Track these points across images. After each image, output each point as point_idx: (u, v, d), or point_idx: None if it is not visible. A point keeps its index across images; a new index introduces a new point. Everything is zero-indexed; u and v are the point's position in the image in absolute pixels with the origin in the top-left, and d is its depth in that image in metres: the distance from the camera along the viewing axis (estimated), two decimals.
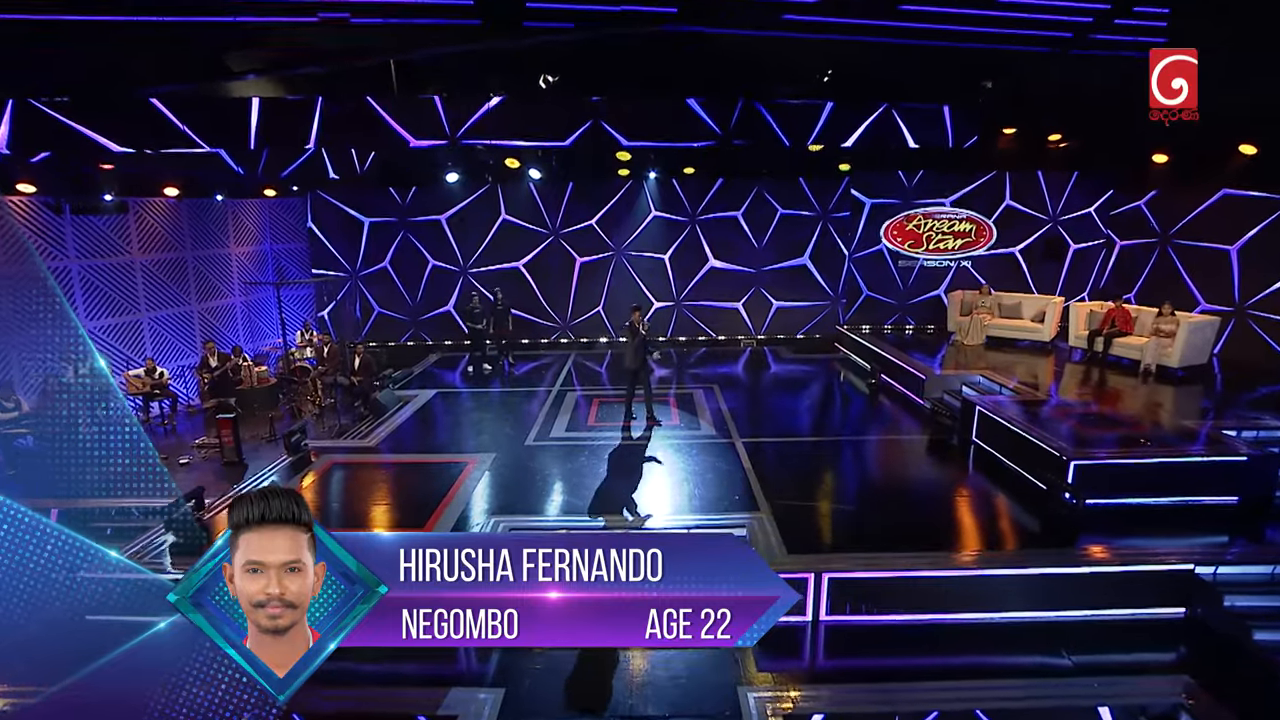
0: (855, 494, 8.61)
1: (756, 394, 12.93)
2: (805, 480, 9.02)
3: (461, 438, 10.94)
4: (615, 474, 9.03)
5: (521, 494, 8.55)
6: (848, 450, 10.11)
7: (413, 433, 11.18)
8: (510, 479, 9.01)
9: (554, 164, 11.56)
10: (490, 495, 8.50)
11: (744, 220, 16.60)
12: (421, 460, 9.95)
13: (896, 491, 8.69)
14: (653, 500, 8.29)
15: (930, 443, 10.24)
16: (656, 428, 10.82)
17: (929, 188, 15.37)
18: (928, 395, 11.58)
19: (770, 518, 7.71)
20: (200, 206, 14.35)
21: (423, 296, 17.06)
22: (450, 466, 9.43)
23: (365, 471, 9.49)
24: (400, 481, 9.18)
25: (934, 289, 15.83)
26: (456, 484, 8.79)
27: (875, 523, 7.68)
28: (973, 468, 9.39)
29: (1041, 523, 7.63)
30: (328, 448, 10.38)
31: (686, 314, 17.12)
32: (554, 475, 9.13)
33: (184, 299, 14.17)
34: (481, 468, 9.32)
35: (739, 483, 8.73)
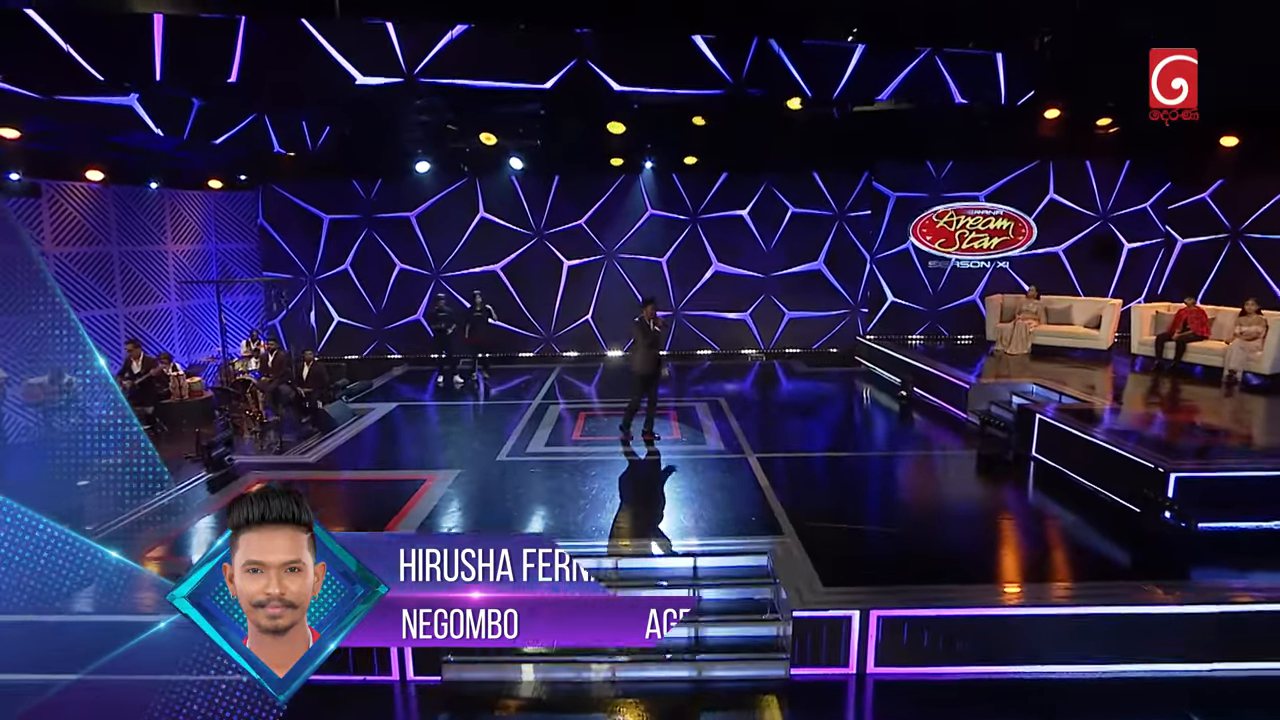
0: (897, 516, 7.45)
1: (769, 409, 11.82)
2: (835, 500, 7.90)
3: (422, 454, 9.78)
4: (605, 493, 7.86)
5: (490, 515, 7.39)
6: (881, 467, 8.98)
7: (365, 448, 10.00)
8: (477, 498, 7.84)
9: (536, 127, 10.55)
10: (451, 517, 7.31)
11: (751, 219, 15.69)
12: (369, 478, 8.79)
13: (947, 513, 7.55)
14: (652, 522, 7.11)
15: (980, 459, 9.12)
16: (655, 442, 9.67)
17: (961, 180, 14.52)
18: (972, 408, 10.50)
19: (797, 542, 6.54)
20: (130, 195, 13.34)
21: (389, 303, 15.99)
22: (403, 484, 8.25)
23: (299, 490, 8.26)
24: (341, 502, 8.02)
25: (969, 294, 14.86)
26: (410, 504, 7.60)
27: (926, 549, 6.59)
28: (1035, 486, 8.29)
29: (1137, 550, 6.48)
30: (260, 464, 9.19)
31: (687, 325, 16.07)
32: (530, 494, 7.95)
33: (107, 300, 13.04)
34: (442, 486, 8.14)
35: (755, 502, 7.57)
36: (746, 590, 6.23)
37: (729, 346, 16.14)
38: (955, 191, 14.55)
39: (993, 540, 6.87)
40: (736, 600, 6.19)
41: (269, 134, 10.21)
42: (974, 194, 14.52)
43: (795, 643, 5.42)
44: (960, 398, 10.92)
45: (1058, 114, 12.16)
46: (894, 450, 9.69)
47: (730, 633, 5.91)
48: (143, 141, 12.16)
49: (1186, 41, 7.51)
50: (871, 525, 7.13)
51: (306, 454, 9.59)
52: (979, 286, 14.77)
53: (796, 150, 13.96)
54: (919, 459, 9.33)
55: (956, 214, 14.54)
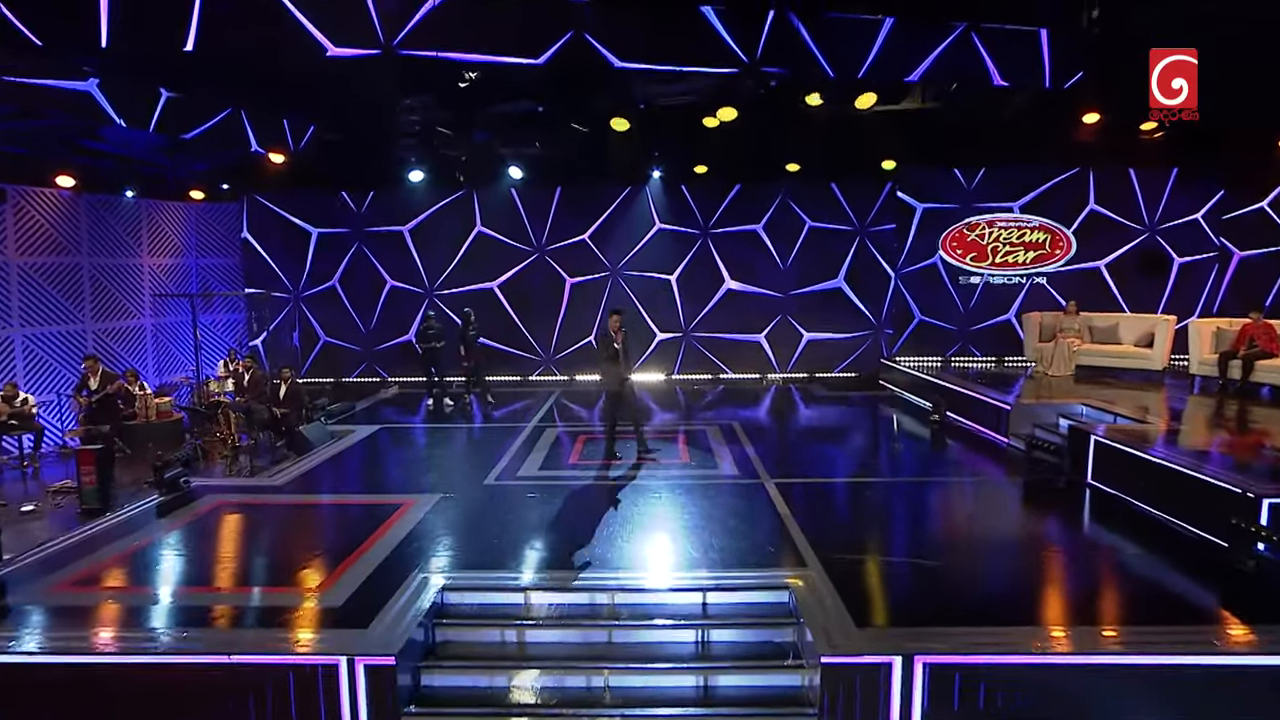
0: (936, 547, 6.67)
1: (787, 434, 11.10)
2: (864, 530, 7.16)
3: (401, 477, 9.11)
4: (602, 519, 7.14)
5: (472, 544, 6.68)
6: (913, 495, 8.22)
7: (341, 471, 9.36)
8: (458, 525, 7.14)
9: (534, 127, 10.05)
10: (427, 545, 6.60)
11: (765, 234, 15.15)
12: (340, 502, 8.12)
13: (994, 545, 6.77)
14: (655, 552, 6.37)
15: (1027, 485, 8.36)
16: (653, 464, 8.99)
17: (993, 189, 13.94)
18: (1013, 431, 9.77)
19: (824, 576, 5.78)
20: (103, 204, 12.95)
21: (379, 322, 15.47)
22: (376, 509, 7.58)
23: (258, 515, 7.63)
24: (303, 527, 7.34)
25: (1003, 312, 14.16)
26: (380, 530, 6.91)
27: (974, 585, 5.86)
28: (1092, 516, 7.50)
29: (1226, 588, 5.68)
30: (220, 487, 8.54)
31: (697, 347, 15.44)
32: (519, 521, 7.24)
33: (75, 315, 12.56)
34: (419, 511, 7.45)
35: (774, 531, 6.84)
36: (764, 631, 5.47)
37: (743, 370, 15.46)
38: (987, 202, 13.97)
39: (1051, 576, 6.08)
40: (753, 643, 5.43)
41: (246, 130, 9.78)
42: (1007, 204, 13.93)
43: (824, 695, 4.64)
44: (1000, 421, 10.20)
45: (1097, 118, 11.69)
46: (927, 476, 8.93)
47: (746, 682, 5.14)
48: (116, 145, 11.86)
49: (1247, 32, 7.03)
50: (909, 558, 6.36)
51: (275, 477, 8.93)
52: (1014, 304, 14.07)
53: (815, 156, 13.46)
54: (956, 486, 8.56)
55: (988, 226, 13.93)
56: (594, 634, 5.49)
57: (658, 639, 5.44)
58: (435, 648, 5.44)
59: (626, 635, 5.46)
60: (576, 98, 9.09)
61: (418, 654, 5.19)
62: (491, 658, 5.39)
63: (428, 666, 5.21)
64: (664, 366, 15.52)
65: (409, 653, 4.98)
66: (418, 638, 5.22)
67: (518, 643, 5.49)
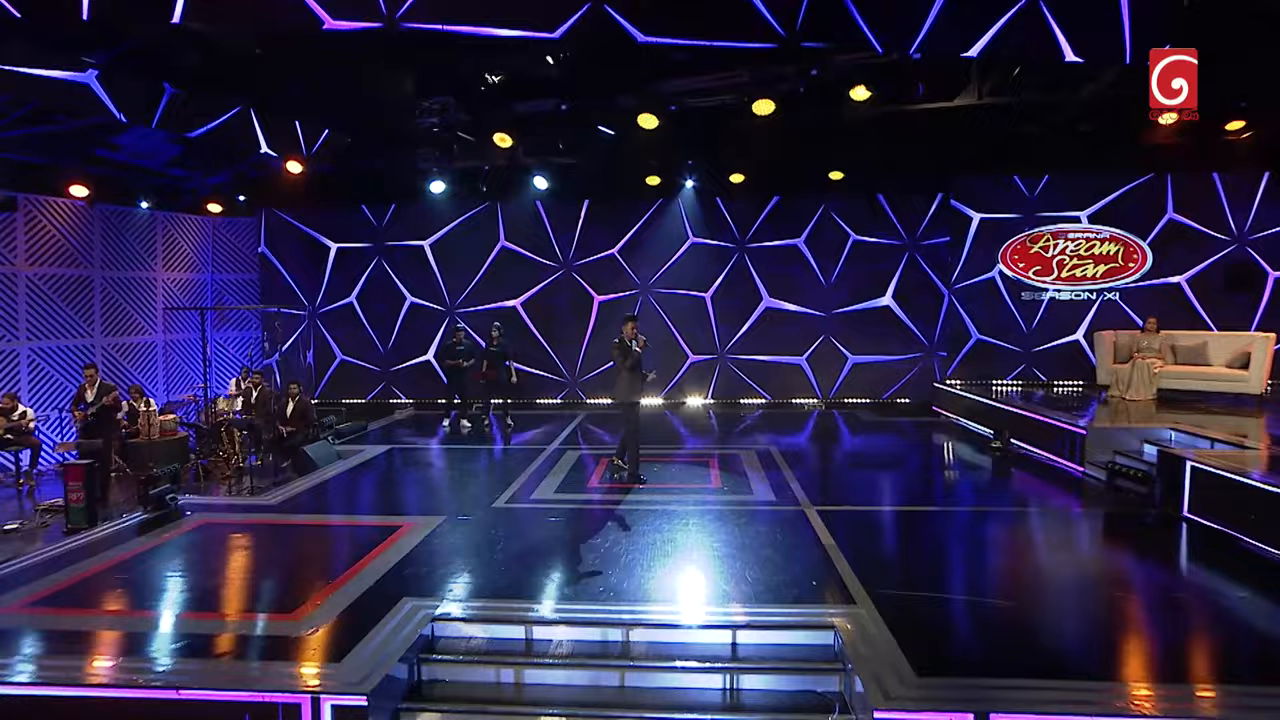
0: (1006, 585, 5.87)
1: (831, 460, 10.35)
2: (920, 563, 6.40)
3: (403, 499, 8.62)
4: (620, 546, 6.50)
5: (472, 570, 6.09)
6: (976, 526, 7.41)
7: (342, 491, 8.89)
8: (459, 550, 6.57)
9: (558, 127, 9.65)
10: (421, 571, 6.03)
11: (807, 248, 14.54)
12: (333, 523, 7.63)
13: (1072, 584, 5.95)
14: (677, 584, 5.70)
15: (1109, 518, 7.50)
16: (680, 490, 8.36)
17: (1059, 197, 13.14)
18: (1091, 459, 8.92)
19: (874, 615, 5.05)
20: (117, 216, 12.93)
21: (398, 341, 15.16)
22: (372, 532, 7.06)
23: (244, 536, 7.14)
24: (289, 550, 6.84)
25: (1071, 331, 13.24)
26: (373, 554, 6.37)
27: (1051, 630, 5.10)
28: (1190, 553, 6.62)
29: None
30: (209, 505, 8.13)
31: (734, 370, 14.79)
32: (528, 546, 6.65)
33: (84, 329, 12.46)
34: (419, 534, 6.90)
35: (816, 562, 6.12)
36: (805, 679, 4.75)
37: (782, 395, 14.74)
38: (1051, 211, 13.16)
39: (1150, 622, 5.25)
40: (791, 692, 4.71)
41: (255, 130, 9.56)
42: (1074, 214, 13.10)
43: None
44: (1073, 447, 9.34)
45: (1175, 118, 10.91)
46: (991, 506, 8.09)
47: None
48: (131, 155, 11.85)
49: None
50: (975, 596, 5.57)
51: (270, 497, 8.49)
52: (1083, 322, 13.15)
53: (861, 164, 12.89)
54: (1025, 517, 7.71)
55: (1054, 237, 13.10)
56: (604, 676, 4.83)
57: (679, 684, 4.76)
58: (420, 687, 4.84)
59: (642, 679, 4.79)
60: (599, 82, 8.67)
61: (398, 693, 4.60)
62: (484, 700, 4.77)
63: (408, 709, 4.60)
64: (698, 391, 14.88)
65: (386, 692, 4.39)
66: (399, 674, 4.63)
67: (515, 684, 4.86)
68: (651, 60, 7.35)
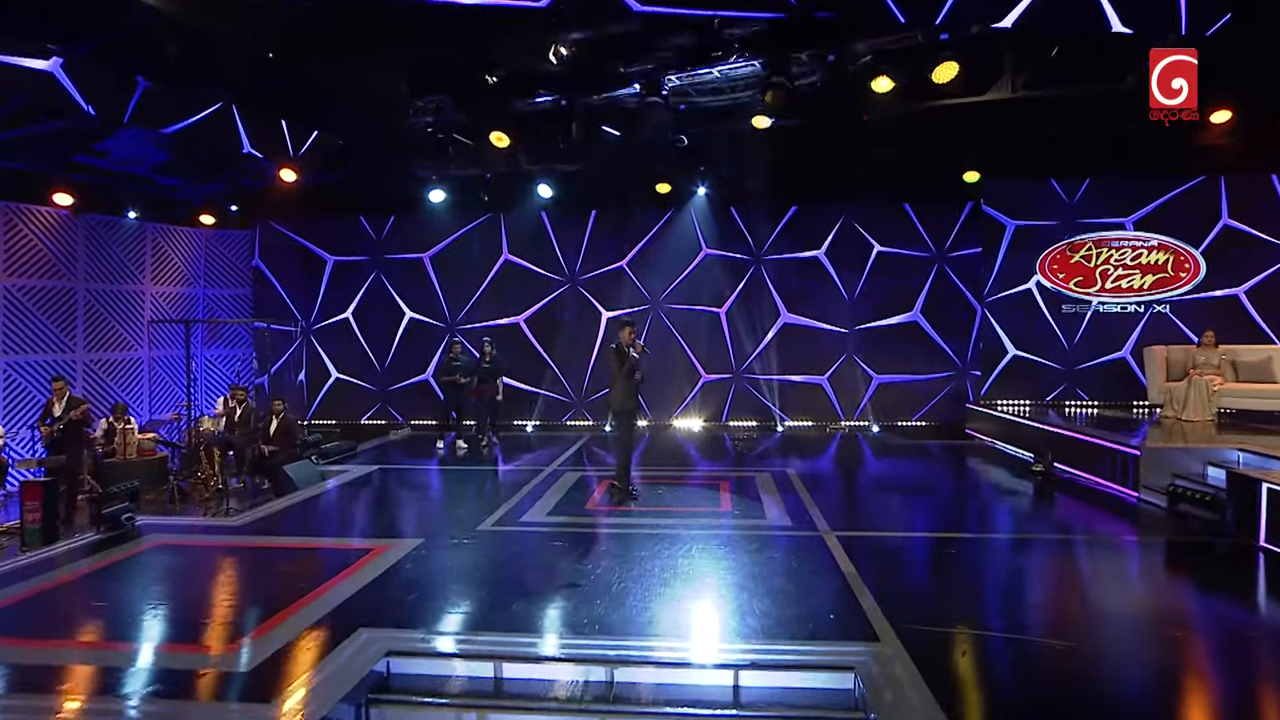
0: (1058, 621, 5.16)
1: (854, 484, 9.67)
2: (956, 594, 5.70)
3: (383, 521, 8.10)
4: (612, 574, 5.90)
5: (443, 598, 5.52)
6: (1017, 555, 6.70)
7: (318, 513, 8.38)
8: (433, 576, 6.01)
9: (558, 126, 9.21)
10: (386, 598, 5.47)
11: (828, 260, 13.97)
12: (299, 545, 7.07)
13: (1141, 621, 5.23)
14: (674, 616, 5.08)
15: (1172, 547, 6.77)
16: (685, 513, 7.74)
17: (1101, 202, 12.46)
18: (1147, 483, 8.18)
19: (901, 653, 4.40)
20: (104, 226, 12.67)
21: (395, 359, 14.72)
22: (339, 555, 6.51)
23: (198, 559, 6.65)
24: (245, 574, 6.32)
25: (1116, 348, 12.48)
26: (336, 579, 5.82)
27: (1119, 674, 4.37)
28: (1269, 587, 5.86)
29: None
30: (168, 525, 7.64)
31: (749, 390, 14.16)
32: (507, 571, 6.07)
33: (65, 344, 12.16)
34: (391, 558, 6.33)
35: (834, 593, 5.47)
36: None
37: (801, 416, 14.08)
38: (1093, 217, 12.48)
39: (1224, 666, 4.53)
40: None
41: (238, 129, 9.24)
42: (1118, 220, 12.41)
43: None
44: (1126, 471, 8.62)
45: (1229, 117, 10.31)
46: (1034, 534, 7.38)
47: None
48: (118, 163, 11.61)
49: None
50: (1019, 634, 4.88)
51: (238, 518, 7.97)
52: (1131, 337, 12.38)
53: (885, 169, 12.35)
54: (1075, 545, 6.99)
55: (1096, 246, 12.41)
56: None
57: None
58: None
59: None
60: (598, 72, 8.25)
61: None
62: None
63: None
64: (712, 412, 14.27)
65: None
66: (342, 717, 4.03)
67: None
68: (652, 42, 6.89)
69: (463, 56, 8.92)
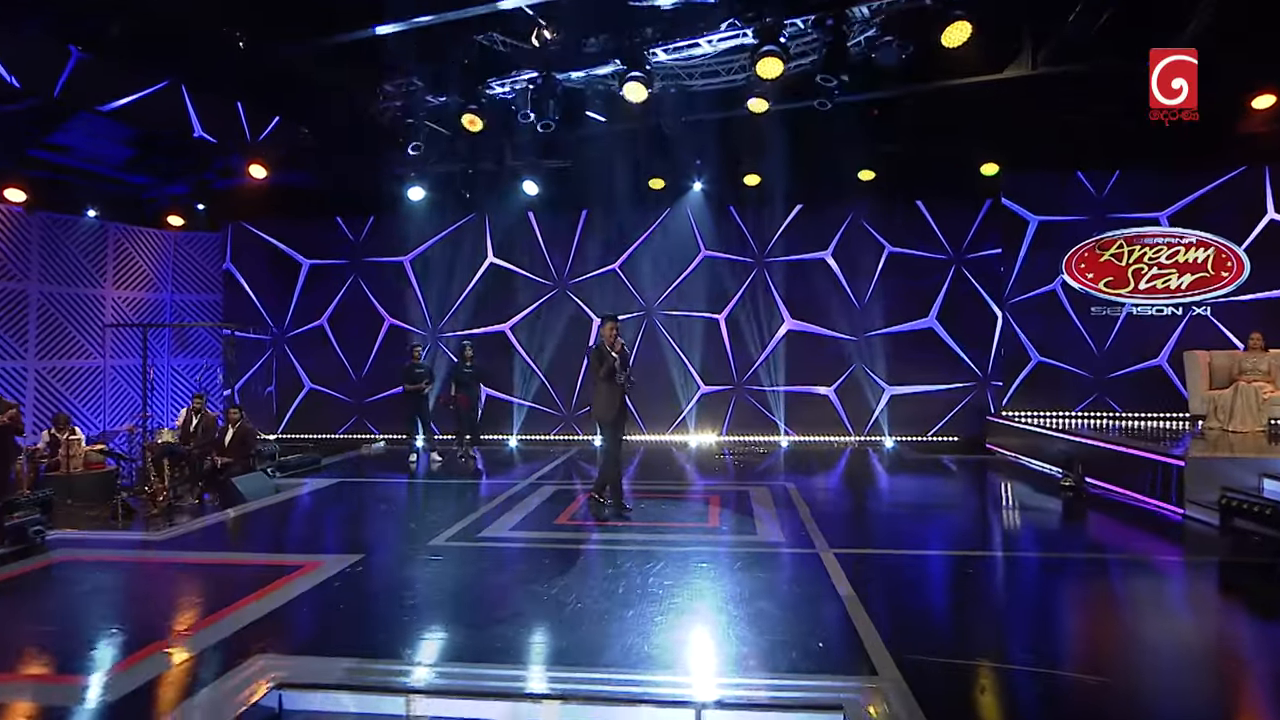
0: (1093, 654, 4.41)
1: (858, 499, 8.94)
2: (974, 621, 4.95)
3: (323, 536, 7.42)
4: (570, 593, 5.19)
5: (367, 619, 4.82)
6: (1046, 576, 5.95)
7: (253, 527, 7.73)
8: (362, 595, 5.34)
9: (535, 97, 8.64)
10: (294, 623, 4.79)
11: (835, 262, 13.29)
12: (222, 561, 6.42)
13: (1193, 653, 4.47)
14: (630, 644, 4.36)
15: (1226, 568, 6.01)
16: (665, 529, 7.04)
17: (1133, 195, 11.72)
18: (1193, 497, 7.41)
19: (904, 691, 3.68)
20: (61, 225, 12.20)
21: (373, 369, 14.11)
22: (262, 573, 5.86)
23: (100, 576, 6.01)
24: (148, 593, 5.68)
25: (1153, 354, 11.66)
26: (249, 599, 5.15)
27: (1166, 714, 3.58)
28: None
29: None
30: (85, 540, 6.99)
31: (751, 403, 13.44)
32: (448, 592, 5.38)
33: (16, 350, 11.64)
34: (319, 576, 5.67)
35: (826, 618, 4.75)
36: None
37: (806, 430, 13.33)
38: (1124, 212, 11.74)
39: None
40: None
41: (186, 110, 8.73)
42: (1152, 214, 11.67)
43: None
44: (1167, 484, 7.87)
45: (1272, 102, 9.64)
46: (1063, 553, 6.61)
47: None
48: (78, 158, 11.16)
49: None
50: (1045, 668, 4.12)
51: (165, 532, 7.33)
52: (1168, 342, 11.58)
53: (896, 162, 11.73)
54: (1110, 566, 6.21)
55: (1128, 243, 11.65)
56: None
57: None
58: None
59: None
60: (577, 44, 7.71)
61: None
62: None
63: None
64: (710, 426, 13.55)
65: None
66: None
67: None
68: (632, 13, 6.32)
69: (430, 34, 8.40)
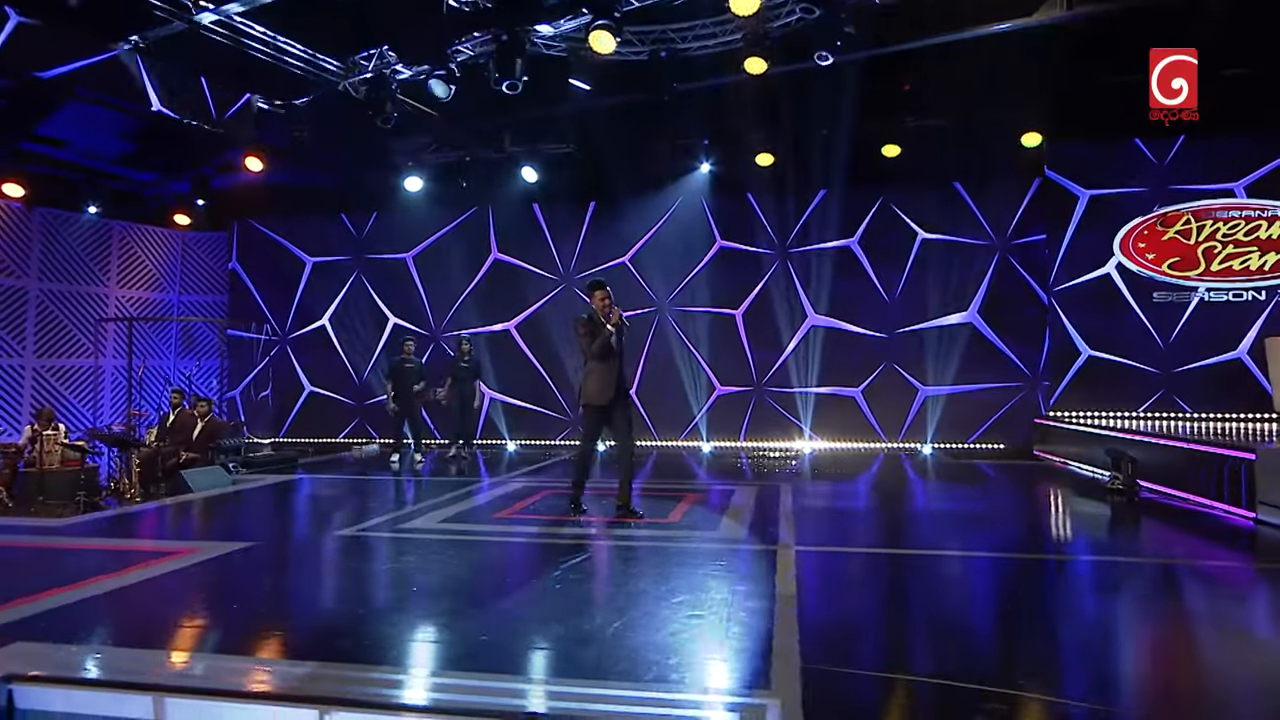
0: (1142, 681, 3.21)
1: (866, 501, 7.74)
2: (927, 623, 3.79)
3: (223, 525, 6.77)
4: (449, 587, 4.28)
5: (182, 613, 4.04)
6: (1064, 580, 4.70)
7: (166, 516, 7.15)
8: (206, 585, 4.52)
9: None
10: (104, 611, 4.03)
11: (862, 251, 12.10)
12: (89, 546, 5.84)
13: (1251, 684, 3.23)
14: (465, 646, 3.40)
15: None
16: (623, 524, 6.01)
17: (1200, 163, 10.17)
18: (1266, 499, 6.01)
19: (794, 712, 2.61)
20: (62, 222, 12.08)
21: (375, 370, 13.55)
22: (120, 557, 5.24)
23: None
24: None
25: (1231, 346, 10.01)
26: (75, 585, 4.41)
27: None
28: None
29: None
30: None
31: (773, 406, 12.28)
32: (311, 583, 4.57)
33: (13, 348, 11.50)
34: (173, 565, 4.91)
35: (740, 618, 3.71)
36: None
37: (832, 435, 12.07)
38: (1192, 183, 10.18)
39: None
40: None
41: (141, 80, 8.33)
42: (1225, 185, 10.07)
43: None
44: (1233, 485, 6.46)
45: None
46: (1102, 555, 5.33)
47: None
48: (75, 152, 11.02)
49: None
50: (1044, 695, 2.96)
51: (75, 518, 6.79)
52: (1249, 332, 9.92)
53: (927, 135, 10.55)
54: (1164, 574, 4.92)
55: (1197, 218, 10.07)
56: None
57: None
58: None
59: None
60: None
61: None
62: None
63: None
64: (727, 431, 12.45)
65: None
66: None
67: None
68: None
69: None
